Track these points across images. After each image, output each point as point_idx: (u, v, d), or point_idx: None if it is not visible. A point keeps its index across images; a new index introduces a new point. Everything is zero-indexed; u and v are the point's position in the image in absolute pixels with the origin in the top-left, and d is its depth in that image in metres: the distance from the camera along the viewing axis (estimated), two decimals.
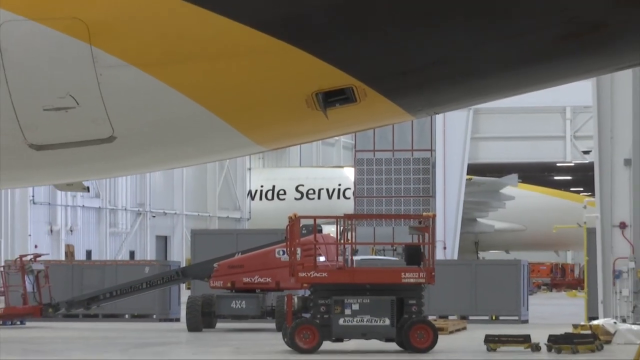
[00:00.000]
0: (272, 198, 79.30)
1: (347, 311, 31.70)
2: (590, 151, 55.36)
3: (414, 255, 33.18)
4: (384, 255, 35.40)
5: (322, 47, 16.83)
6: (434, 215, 38.74)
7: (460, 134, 52.97)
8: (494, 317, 44.46)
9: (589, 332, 32.42)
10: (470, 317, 43.12)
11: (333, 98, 16.78)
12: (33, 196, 60.02)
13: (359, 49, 17.22)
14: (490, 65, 17.61)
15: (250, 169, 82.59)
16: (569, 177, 75.18)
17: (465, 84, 18.27)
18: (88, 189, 65.13)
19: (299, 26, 16.79)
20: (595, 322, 36.11)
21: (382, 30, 17.16)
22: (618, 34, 17.04)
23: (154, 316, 45.94)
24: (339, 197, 70.15)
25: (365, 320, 31.72)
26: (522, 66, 18.02)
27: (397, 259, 36.86)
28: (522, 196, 72.99)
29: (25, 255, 47.21)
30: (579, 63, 18.58)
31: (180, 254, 67.05)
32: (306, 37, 16.97)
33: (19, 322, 43.58)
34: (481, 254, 69.26)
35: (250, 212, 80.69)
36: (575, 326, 34.39)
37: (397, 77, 17.65)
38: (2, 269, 46.07)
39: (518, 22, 16.85)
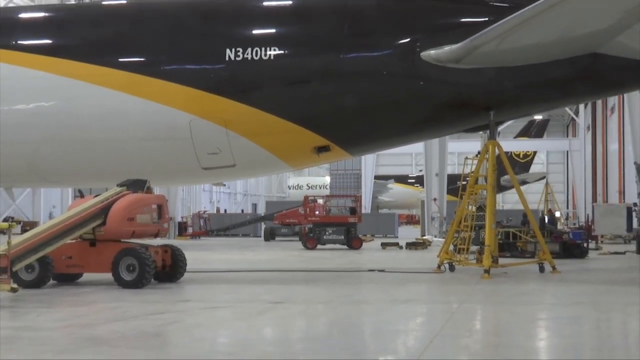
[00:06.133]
0: (297, 189, 78.25)
1: (327, 233, 31.54)
2: (422, 170, 55.04)
3: (353, 210, 32.70)
4: (343, 213, 34.86)
5: (318, 129, 17.62)
6: (361, 196, 38.65)
7: (371, 162, 52.62)
8: (385, 235, 43.85)
9: (422, 241, 31.98)
10: (375, 235, 42.56)
11: (321, 150, 16.74)
12: (203, 187, 59.57)
13: (332, 130, 16.91)
14: (390, 134, 17.44)
15: (288, 177, 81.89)
16: (413, 180, 74.41)
17: (377, 143, 18.16)
18: (224, 184, 64.10)
19: (310, 121, 16.64)
20: (424, 237, 35.89)
21: (343, 125, 16.85)
22: (445, 124, 16.96)
23: (250, 235, 45.66)
24: (325, 189, 69.24)
25: (334, 236, 31.40)
26: (402, 137, 17.91)
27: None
28: (396, 188, 72.51)
29: (200, 211, 46.83)
30: (434, 130, 18.52)
31: (261, 210, 66.60)
32: (312, 125, 17.41)
33: (197, 238, 43.51)
34: (380, 211, 68.43)
35: (289, 194, 79.68)
36: (417, 239, 34.11)
37: (347, 141, 17.55)
38: (191, 216, 45.96)
39: (399, 121, 16.68)
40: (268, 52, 16.20)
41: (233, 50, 16.30)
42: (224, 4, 18.30)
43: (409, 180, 77.61)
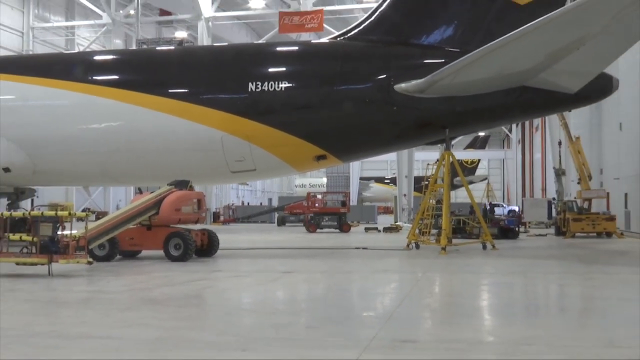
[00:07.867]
0: (302, 187, 77.50)
1: (324, 220, 31.27)
2: (395, 173, 54.70)
3: (344, 203, 32.43)
4: (336, 205, 34.47)
5: (318, 142, 17.47)
6: (349, 192, 38.06)
7: (357, 167, 52.12)
8: (367, 222, 43.44)
9: (395, 226, 31.69)
10: (360, 222, 42.18)
11: (320, 158, 16.53)
12: (231, 186, 58.80)
13: (329, 143, 16.75)
14: (372, 146, 17.19)
15: (295, 178, 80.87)
16: (389, 181, 74.02)
17: (362, 153, 17.91)
18: (247, 184, 63.22)
19: (312, 137, 16.50)
20: (397, 223, 35.48)
21: (336, 140, 16.66)
22: (410, 139, 16.70)
23: (267, 222, 45.44)
24: (323, 187, 68.57)
25: (329, 222, 31.14)
26: (380, 148, 17.59)
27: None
28: (375, 187, 72.01)
29: (229, 203, 46.14)
30: (404, 143, 18.13)
31: (275, 203, 65.76)
32: (313, 140, 17.52)
33: (227, 224, 42.96)
34: (364, 203, 67.76)
35: (296, 191, 78.77)
36: (391, 224, 33.72)
37: (340, 152, 17.31)
38: (223, 207, 45.21)
39: (378, 136, 16.40)
40: (280, 85, 16.36)
41: (254, 83, 16.49)
42: (247, 49, 18.35)
43: (385, 181, 77.70)
